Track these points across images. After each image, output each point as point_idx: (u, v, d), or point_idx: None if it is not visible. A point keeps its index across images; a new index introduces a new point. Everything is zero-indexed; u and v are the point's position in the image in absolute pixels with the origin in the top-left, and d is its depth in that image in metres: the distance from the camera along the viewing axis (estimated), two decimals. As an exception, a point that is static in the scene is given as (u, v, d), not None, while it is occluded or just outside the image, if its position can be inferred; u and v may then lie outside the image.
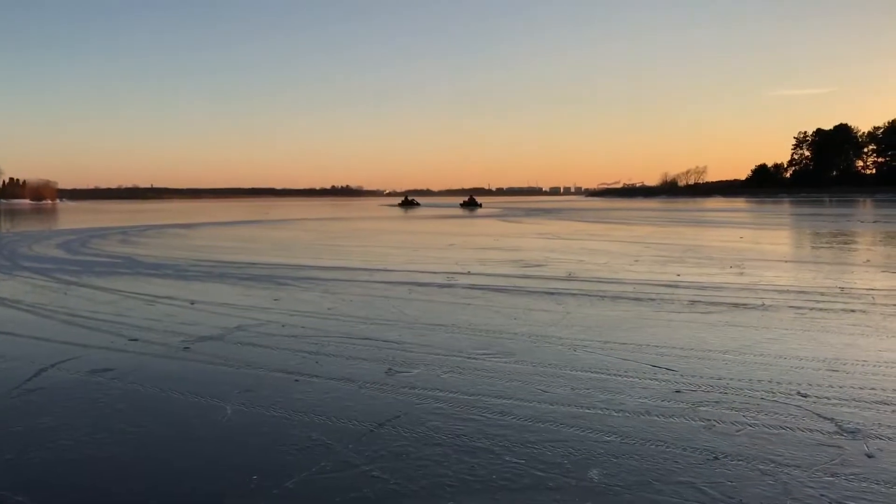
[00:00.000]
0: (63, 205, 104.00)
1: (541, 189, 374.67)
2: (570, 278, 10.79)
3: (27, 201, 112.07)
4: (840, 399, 4.51)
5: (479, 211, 61.06)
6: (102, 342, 6.43)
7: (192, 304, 8.59)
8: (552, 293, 9.19)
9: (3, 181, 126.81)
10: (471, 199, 74.31)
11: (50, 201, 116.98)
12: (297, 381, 5.07)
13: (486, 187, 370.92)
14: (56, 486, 3.31)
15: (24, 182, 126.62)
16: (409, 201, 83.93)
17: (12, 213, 56.87)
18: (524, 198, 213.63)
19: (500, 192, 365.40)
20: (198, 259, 14.83)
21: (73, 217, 48.26)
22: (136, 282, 10.92)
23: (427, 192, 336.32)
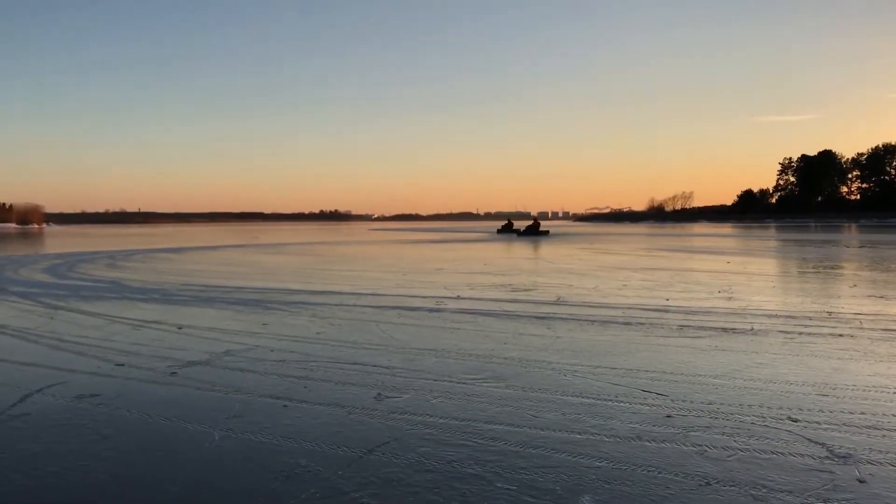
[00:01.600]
0: (50, 229, 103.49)
1: (529, 214, 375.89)
2: (559, 302, 10.79)
3: (13, 225, 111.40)
4: (830, 424, 4.51)
5: (464, 237, 55.31)
6: (89, 367, 6.36)
7: (180, 328, 8.53)
8: (542, 317, 9.18)
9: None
10: (509, 224, 63.46)
11: (37, 225, 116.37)
12: (285, 406, 5.03)
13: (475, 212, 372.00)
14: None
15: (11, 206, 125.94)
16: (509, 226, 64.51)
17: (-2, 237, 56.52)
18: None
19: (487, 216, 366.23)
20: (186, 283, 14.75)
21: (59, 241, 47.97)
22: (123, 306, 10.83)
23: (416, 217, 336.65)
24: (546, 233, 57.17)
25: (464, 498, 3.35)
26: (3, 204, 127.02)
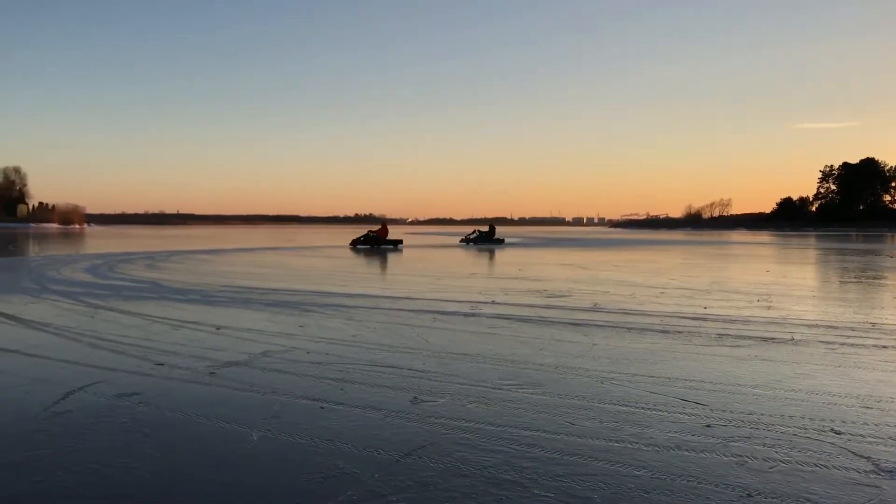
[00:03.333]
0: (90, 229, 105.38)
1: (564, 219, 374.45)
2: (595, 309, 10.72)
3: (55, 225, 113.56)
4: (876, 437, 4.41)
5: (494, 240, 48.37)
6: (129, 366, 6.46)
7: (218, 329, 8.62)
8: (578, 324, 9.13)
9: (33, 206, 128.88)
10: (491, 230, 48.10)
11: (78, 226, 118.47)
12: (322, 408, 5.06)
13: (509, 217, 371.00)
14: (83, 509, 3.30)
15: (53, 207, 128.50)
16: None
17: (41, 237, 57.66)
18: (547, 228, 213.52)
19: (522, 221, 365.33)
20: (223, 284, 14.92)
21: (100, 241, 48.81)
22: (162, 306, 10.99)
23: (449, 221, 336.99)
24: (500, 241, 46.28)
25: (501, 504, 3.34)
26: (46, 204, 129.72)
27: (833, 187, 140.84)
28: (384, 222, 42.02)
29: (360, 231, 46.52)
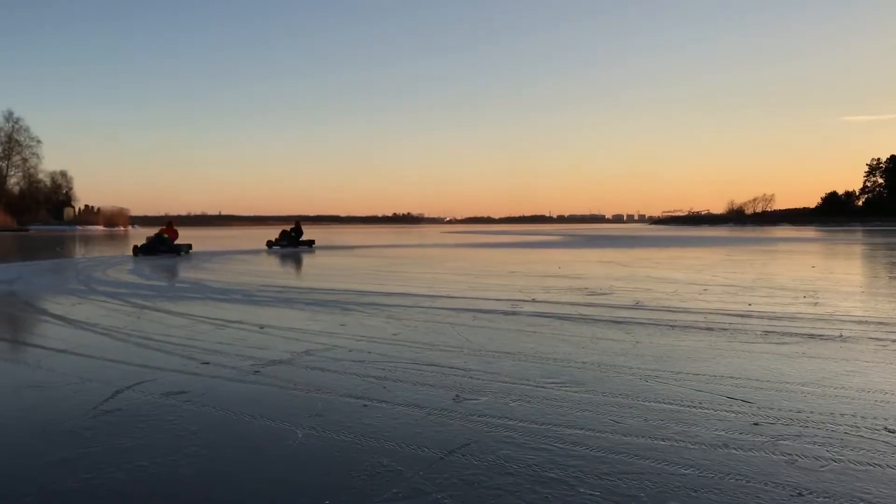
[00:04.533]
0: (135, 231, 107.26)
1: (603, 217, 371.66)
2: (637, 307, 10.61)
3: (101, 228, 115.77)
4: (931, 436, 4.30)
5: (537, 240, 49.11)
6: (175, 365, 6.56)
7: (261, 328, 8.72)
8: (620, 322, 9.05)
9: (79, 209, 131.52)
10: (296, 227, 37.61)
11: (122, 228, 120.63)
12: (365, 406, 5.08)
13: (548, 214, 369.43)
14: (134, 505, 3.36)
15: (99, 209, 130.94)
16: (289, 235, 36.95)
17: (87, 239, 58.83)
18: (586, 225, 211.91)
19: (560, 219, 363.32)
20: (265, 284, 15.08)
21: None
22: (206, 306, 11.14)
23: (487, 220, 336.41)
24: (310, 243, 36.86)
25: (546, 502, 3.32)
26: (91, 207, 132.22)
27: (880, 181, 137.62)
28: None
29: (401, 230, 45.46)
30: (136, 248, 29.84)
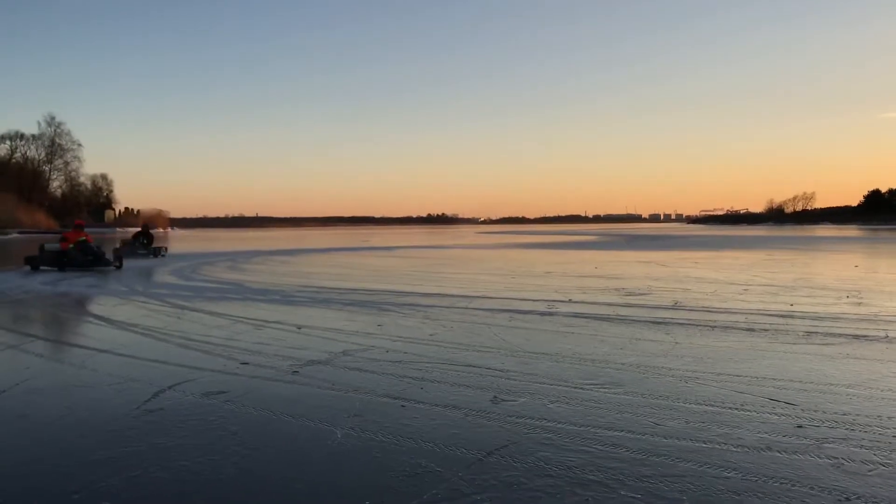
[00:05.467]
0: (174, 233, 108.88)
1: (640, 216, 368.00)
2: (676, 307, 10.49)
3: (140, 229, 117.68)
4: (983, 440, 4.18)
5: (573, 240, 51.75)
6: (215, 365, 6.63)
7: (299, 328, 8.78)
8: (659, 322, 8.95)
9: (119, 211, 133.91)
10: (143, 230, 29.16)
11: (161, 229, 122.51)
12: (403, 406, 5.09)
13: (583, 214, 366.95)
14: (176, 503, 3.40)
15: (138, 211, 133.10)
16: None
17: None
18: (622, 225, 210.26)
19: (596, 219, 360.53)
20: (302, 285, 15.20)
21: (183, 244, 50.35)
22: (244, 307, 11.26)
23: (522, 220, 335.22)
24: (159, 252, 28.05)
25: (587, 504, 3.29)
26: (131, 209, 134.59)
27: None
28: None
29: (436, 230, 44.33)
30: (28, 259, 20.60)
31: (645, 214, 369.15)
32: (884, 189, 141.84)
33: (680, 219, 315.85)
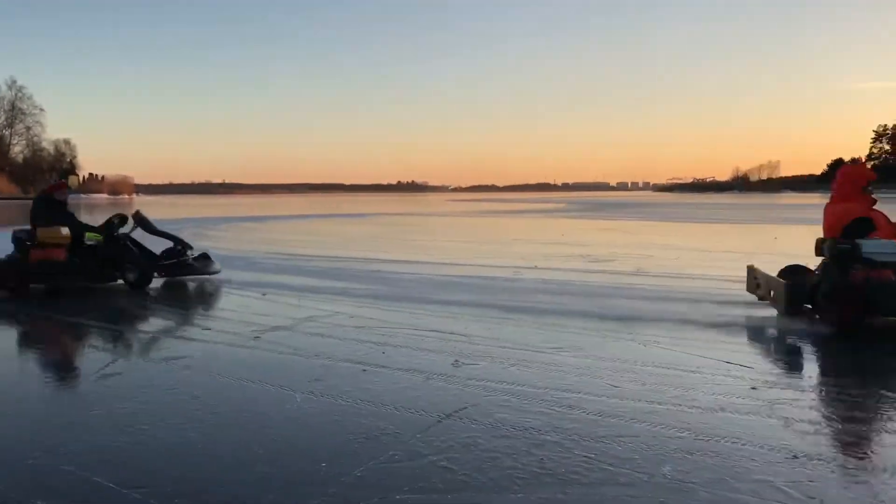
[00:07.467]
0: (139, 199, 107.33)
1: (608, 184, 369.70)
2: (639, 273, 10.61)
3: (105, 196, 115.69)
4: (928, 399, 4.31)
5: (542, 207, 53.05)
6: (177, 331, 6.59)
7: (264, 294, 8.73)
8: (621, 288, 9.04)
9: (83, 177, 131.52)
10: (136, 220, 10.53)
11: (127, 196, 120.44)
12: (364, 370, 5.10)
13: (552, 182, 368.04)
14: (136, 469, 3.38)
15: (103, 177, 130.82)
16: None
17: (92, 208, 58.79)
18: (591, 193, 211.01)
19: (565, 187, 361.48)
20: (269, 252, 15.09)
21: (149, 211, 49.60)
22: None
23: (492, 188, 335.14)
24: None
25: (542, 464, 3.34)
26: (96, 175, 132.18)
27: (887, 148, 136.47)
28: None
29: (406, 198, 44.29)
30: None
31: (613, 183, 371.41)
32: (847, 158, 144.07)
33: (647, 187, 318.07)
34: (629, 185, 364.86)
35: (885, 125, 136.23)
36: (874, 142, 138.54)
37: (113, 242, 9.47)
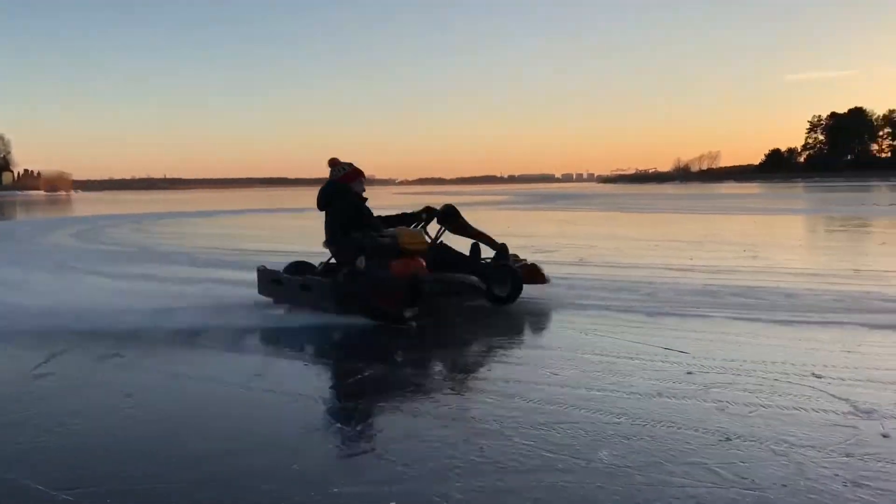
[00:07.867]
0: (78, 195, 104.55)
1: (553, 176, 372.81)
2: (581, 263, 10.72)
3: (42, 192, 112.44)
4: (855, 380, 4.44)
5: (489, 199, 52.53)
6: (111, 328, 6.40)
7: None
8: (563, 278, 9.10)
9: (18, 173, 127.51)
10: None
11: (64, 192, 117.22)
12: (305, 365, 5.06)
13: (498, 175, 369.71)
14: (72, 469, 3.28)
15: (39, 173, 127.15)
16: None
17: (27, 205, 57.15)
18: (537, 185, 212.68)
19: (511, 179, 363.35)
20: (210, 247, 14.84)
21: (87, 207, 48.39)
22: (144, 268, 10.89)
23: (439, 181, 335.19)
24: None
25: (482, 452, 3.34)
26: (31, 171, 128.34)
27: (821, 138, 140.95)
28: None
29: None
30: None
31: (558, 174, 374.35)
32: (784, 149, 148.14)
33: (592, 178, 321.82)
34: (574, 176, 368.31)
35: (820, 116, 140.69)
36: (809, 132, 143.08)
37: None
